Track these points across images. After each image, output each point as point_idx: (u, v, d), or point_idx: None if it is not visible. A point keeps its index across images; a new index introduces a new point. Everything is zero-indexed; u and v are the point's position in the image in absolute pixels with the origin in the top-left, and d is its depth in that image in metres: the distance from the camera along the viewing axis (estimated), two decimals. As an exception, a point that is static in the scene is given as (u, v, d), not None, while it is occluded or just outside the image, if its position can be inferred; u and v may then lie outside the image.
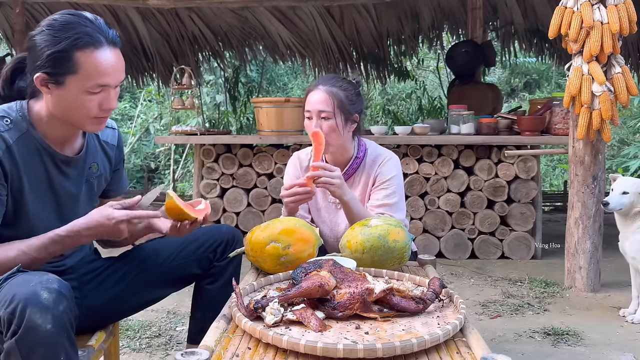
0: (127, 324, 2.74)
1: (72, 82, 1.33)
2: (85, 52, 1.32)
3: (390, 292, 1.25)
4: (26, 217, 1.40)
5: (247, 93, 7.88)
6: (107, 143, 1.60)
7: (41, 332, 1.14)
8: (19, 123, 1.39)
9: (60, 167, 1.46)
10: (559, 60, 6.89)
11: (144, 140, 9.50)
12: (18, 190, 1.38)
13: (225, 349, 1.12)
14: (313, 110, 1.94)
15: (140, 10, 6.16)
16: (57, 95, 1.35)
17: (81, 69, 1.32)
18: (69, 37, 1.31)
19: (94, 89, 1.34)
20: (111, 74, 1.35)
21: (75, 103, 1.35)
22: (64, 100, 1.35)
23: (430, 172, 4.08)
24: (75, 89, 1.34)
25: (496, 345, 2.53)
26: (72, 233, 1.36)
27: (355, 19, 6.44)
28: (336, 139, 1.95)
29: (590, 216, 3.30)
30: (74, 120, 1.39)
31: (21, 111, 1.41)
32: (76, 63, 1.31)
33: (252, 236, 1.59)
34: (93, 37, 1.33)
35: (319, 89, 1.96)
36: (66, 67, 1.32)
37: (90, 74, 1.33)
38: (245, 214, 4.28)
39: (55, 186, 1.45)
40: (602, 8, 3.04)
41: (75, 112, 1.37)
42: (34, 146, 1.40)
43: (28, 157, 1.39)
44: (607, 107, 3.04)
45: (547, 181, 9.00)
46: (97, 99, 1.36)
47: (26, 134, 1.39)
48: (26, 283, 1.19)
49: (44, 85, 1.35)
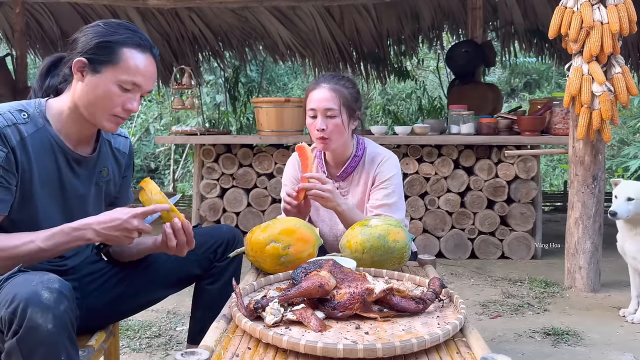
0: (127, 324, 2.75)
1: (109, 71, 1.39)
2: (132, 50, 1.41)
3: (390, 292, 1.25)
4: (33, 209, 1.41)
5: (247, 93, 7.89)
6: (118, 150, 1.63)
7: (42, 332, 1.14)
8: (36, 118, 1.42)
9: (71, 165, 1.47)
10: (559, 60, 6.89)
11: (144, 140, 9.51)
12: (28, 183, 1.40)
13: (225, 349, 1.12)
14: (318, 108, 1.92)
15: (140, 10, 6.16)
16: (90, 82, 1.40)
17: (123, 62, 1.40)
18: (122, 34, 1.42)
19: (127, 84, 1.41)
20: (146, 77, 1.44)
21: (104, 93, 1.40)
22: (95, 88, 1.40)
23: (430, 172, 4.08)
24: (110, 78, 1.39)
25: (496, 345, 2.53)
26: (83, 225, 1.36)
27: (355, 19, 6.44)
28: (341, 136, 1.95)
29: (590, 216, 3.30)
30: (96, 112, 1.42)
31: (39, 108, 1.44)
32: (120, 56, 1.40)
33: (252, 236, 1.59)
34: (142, 41, 1.44)
35: (323, 87, 1.94)
36: (110, 57, 1.39)
37: (130, 69, 1.40)
38: (245, 214, 4.28)
39: (65, 184, 1.47)
40: (602, 8, 3.04)
41: (100, 103, 1.41)
42: (48, 142, 1.42)
43: (41, 152, 1.41)
44: (607, 107, 3.04)
45: (547, 181, 9.00)
46: (124, 97, 1.42)
47: (41, 129, 1.42)
48: (27, 283, 1.19)
49: (80, 70, 1.40)
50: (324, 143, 1.94)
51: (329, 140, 1.93)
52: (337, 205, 1.85)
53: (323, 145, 1.95)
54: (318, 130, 1.92)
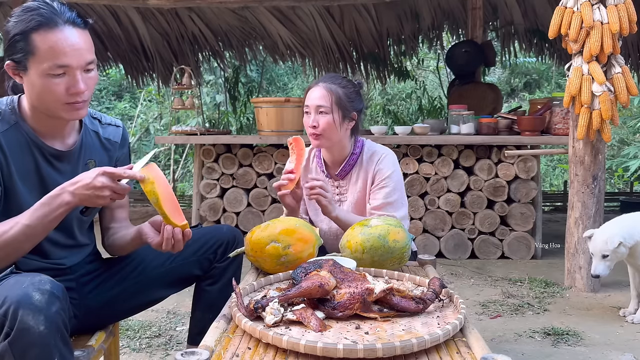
0: (127, 324, 2.74)
1: (33, 65, 1.32)
2: (40, 32, 1.31)
3: (390, 292, 1.25)
4: (17, 207, 1.39)
5: (247, 93, 7.88)
6: (108, 140, 1.59)
7: (34, 334, 1.13)
8: (8, 116, 1.40)
9: (50, 161, 1.45)
10: (559, 60, 6.89)
11: (144, 140, 9.50)
12: (8, 180, 1.39)
13: (225, 349, 1.12)
14: (311, 105, 1.98)
15: (140, 10, 6.16)
16: (26, 81, 1.36)
17: (37, 50, 1.31)
18: (24, 20, 1.32)
19: (54, 70, 1.32)
20: (69, 53, 1.32)
21: (41, 88, 1.34)
22: (32, 86, 1.35)
23: (430, 172, 4.08)
24: (37, 72, 1.32)
25: (496, 345, 2.52)
26: (58, 190, 1.33)
27: (355, 19, 6.44)
28: (333, 134, 1.98)
29: (590, 216, 3.30)
30: (48, 108, 1.38)
31: (11, 104, 1.42)
32: (33, 45, 1.31)
33: (252, 236, 1.59)
34: (46, 18, 1.31)
35: (319, 86, 2.00)
36: (25, 50, 1.31)
37: (46, 54, 1.31)
38: (245, 214, 4.28)
39: (45, 179, 1.44)
40: (602, 8, 3.04)
41: (45, 99, 1.36)
42: (23, 139, 1.41)
43: (17, 149, 1.40)
44: (607, 107, 3.04)
45: (547, 181, 9.00)
46: (63, 82, 1.34)
47: (15, 126, 1.40)
48: (18, 285, 1.18)
49: (15, 74, 1.36)
50: (316, 139, 1.99)
51: (321, 137, 1.98)
52: (331, 211, 1.92)
53: (316, 142, 2.00)
54: (310, 127, 1.98)
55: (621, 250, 2.62)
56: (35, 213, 1.33)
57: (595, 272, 2.66)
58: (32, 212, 1.33)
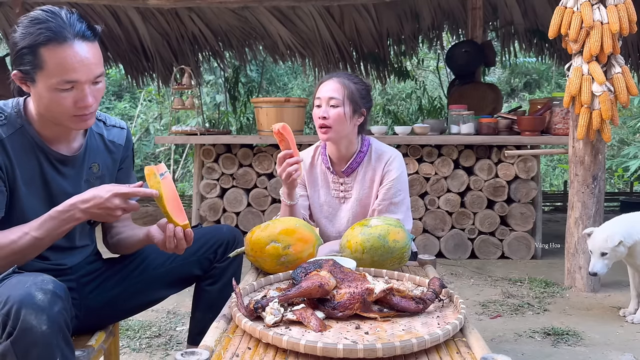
0: (127, 324, 2.74)
1: (41, 78, 1.31)
2: (49, 47, 1.28)
3: (390, 292, 1.25)
4: (20, 211, 1.40)
5: (247, 93, 7.89)
6: (113, 142, 1.59)
7: (36, 333, 1.14)
8: (14, 119, 1.40)
9: (55, 166, 1.45)
10: (559, 60, 6.89)
11: (144, 140, 9.50)
12: (12, 183, 1.39)
13: (225, 349, 1.12)
14: (323, 97, 1.98)
15: (140, 10, 6.16)
16: (34, 92, 1.35)
17: (45, 65, 1.29)
18: (33, 33, 1.29)
19: (62, 85, 1.31)
20: (78, 69, 1.31)
21: (49, 101, 1.33)
22: (40, 98, 1.35)
23: (430, 172, 4.08)
24: (45, 86, 1.31)
25: (496, 345, 2.52)
26: (68, 207, 1.35)
27: (355, 19, 6.44)
28: (342, 127, 1.97)
29: (590, 216, 3.30)
30: (55, 117, 1.38)
31: (17, 107, 1.41)
32: (41, 59, 1.29)
33: (252, 236, 1.59)
34: (56, 33, 1.28)
35: (332, 80, 2.01)
36: (34, 63, 1.30)
37: (54, 70, 1.29)
38: (245, 214, 4.28)
39: (50, 184, 1.44)
40: (602, 8, 3.04)
41: (52, 110, 1.35)
42: (28, 143, 1.40)
43: (22, 153, 1.39)
44: (607, 107, 3.04)
45: (547, 181, 9.00)
46: (71, 96, 1.33)
47: (20, 130, 1.40)
48: (21, 284, 1.18)
49: (22, 83, 1.35)
50: (325, 132, 1.98)
51: (330, 130, 1.97)
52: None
53: (324, 135, 1.99)
54: (320, 118, 1.97)
55: (620, 249, 2.62)
56: (44, 225, 1.34)
57: (593, 269, 2.66)
58: (41, 224, 1.34)
